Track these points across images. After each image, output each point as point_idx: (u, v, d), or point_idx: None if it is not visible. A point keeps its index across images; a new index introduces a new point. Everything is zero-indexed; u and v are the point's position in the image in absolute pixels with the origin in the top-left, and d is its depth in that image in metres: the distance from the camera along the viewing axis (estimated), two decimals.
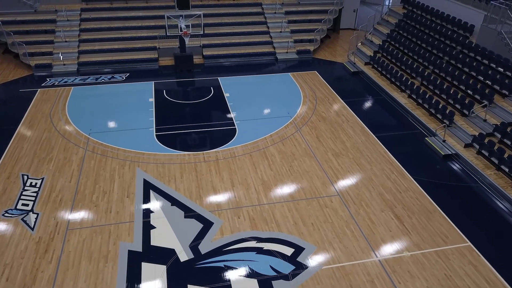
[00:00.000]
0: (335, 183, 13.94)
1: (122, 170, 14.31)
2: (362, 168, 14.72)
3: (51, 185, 13.49)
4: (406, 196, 13.41)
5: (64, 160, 14.78)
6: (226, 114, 18.17)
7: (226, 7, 25.81)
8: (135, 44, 23.43)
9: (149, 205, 12.75)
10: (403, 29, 22.75)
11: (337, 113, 18.40)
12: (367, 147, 15.99)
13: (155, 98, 19.35)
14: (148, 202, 12.88)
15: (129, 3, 25.14)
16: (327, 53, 25.43)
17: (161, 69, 22.64)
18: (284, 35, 25.00)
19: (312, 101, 19.42)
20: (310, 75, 22.22)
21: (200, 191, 13.40)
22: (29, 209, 12.47)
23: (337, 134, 16.78)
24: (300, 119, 17.85)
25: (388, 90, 20.03)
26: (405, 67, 20.57)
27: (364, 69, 22.38)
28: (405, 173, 14.51)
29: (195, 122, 17.55)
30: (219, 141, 16.20)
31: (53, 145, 15.58)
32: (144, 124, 17.18)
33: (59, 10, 23.84)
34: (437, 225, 12.24)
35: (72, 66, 21.94)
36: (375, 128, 17.21)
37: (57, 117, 17.49)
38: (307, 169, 14.58)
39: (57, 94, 19.46)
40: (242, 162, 14.94)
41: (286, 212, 12.59)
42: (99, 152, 15.27)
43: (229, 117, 17.95)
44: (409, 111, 18.25)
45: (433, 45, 20.30)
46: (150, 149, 15.54)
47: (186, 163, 14.83)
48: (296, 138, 16.42)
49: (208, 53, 23.61)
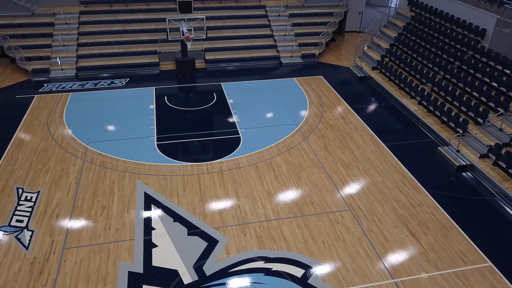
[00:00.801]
0: (345, 196, 13.27)
1: (122, 183, 13.65)
2: (373, 180, 14.05)
3: (47, 199, 12.83)
4: (420, 211, 12.74)
5: (61, 171, 14.11)
6: (229, 122, 17.50)
7: (229, 10, 25.15)
8: (135, 48, 22.76)
9: (150, 221, 12.08)
10: (411, 33, 22.09)
11: (345, 120, 17.73)
12: (377, 157, 15.33)
13: (156, 105, 18.68)
14: (149, 217, 12.21)
15: (129, 6, 24.47)
16: (333, 57, 24.77)
17: (162, 74, 21.97)
18: (289, 39, 24.33)
19: (319, 107, 18.75)
20: (316, 80, 21.55)
21: (203, 206, 12.73)
22: (24, 226, 11.80)
23: (345, 143, 16.12)
24: (306, 127, 17.18)
25: (397, 96, 19.36)
26: (414, 72, 19.90)
27: (372, 74, 21.71)
28: (418, 186, 13.85)
29: (197, 130, 16.89)
30: (223, 150, 15.54)
31: (50, 156, 14.91)
32: (144, 132, 16.52)
33: (57, 13, 23.17)
34: (455, 243, 11.57)
35: (70, 71, 21.28)
36: (385, 137, 16.55)
37: (55, 125, 16.83)
38: (316, 181, 13.91)
39: (55, 100, 18.79)
40: (247, 173, 14.27)
41: (295, 228, 11.93)
42: (98, 163, 14.61)
43: (233, 124, 17.28)
44: (419, 119, 17.58)
45: (443, 50, 19.64)
46: (151, 159, 14.87)
47: (189, 174, 14.16)
48: (303, 148, 15.76)
49: (210, 57, 22.95)
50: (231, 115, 18.04)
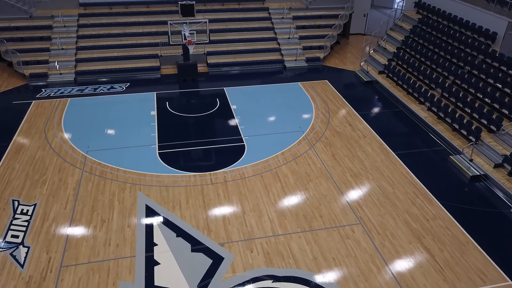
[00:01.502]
0: (355, 209, 12.71)
1: (122, 195, 13.09)
2: (384, 192, 13.49)
3: (44, 213, 12.26)
4: (434, 225, 12.18)
5: (59, 182, 13.55)
6: (233, 129, 16.94)
7: (231, 12, 24.58)
8: (135, 51, 22.19)
9: (152, 236, 11.52)
10: (419, 36, 21.53)
11: (353, 127, 17.17)
12: (387, 166, 14.77)
13: (157, 111, 18.11)
14: (151, 232, 11.65)
15: (129, 8, 23.91)
16: (338, 60, 24.21)
17: (163, 78, 21.40)
18: (293, 42, 23.77)
19: (325, 113, 18.19)
20: (321, 85, 20.99)
21: (207, 219, 12.17)
22: (19, 242, 11.24)
23: (354, 151, 15.56)
24: (313, 134, 16.62)
25: (405, 102, 18.80)
26: (422, 77, 19.34)
27: (378, 78, 21.15)
28: (431, 197, 13.28)
29: (200, 137, 16.33)
30: (227, 159, 14.98)
31: (47, 165, 14.35)
32: (145, 140, 15.96)
33: (56, 16, 22.62)
34: (472, 260, 11.02)
35: (69, 75, 20.71)
36: (394, 145, 15.99)
37: (52, 132, 16.26)
38: (324, 193, 13.35)
39: (53, 106, 18.22)
40: (252, 184, 13.71)
41: (304, 244, 11.37)
42: (97, 173, 14.05)
43: (236, 132, 16.72)
44: (429, 126, 17.02)
45: (452, 54, 19.08)
46: (153, 169, 14.31)
47: (192, 185, 13.60)
48: (310, 157, 15.20)
49: (213, 61, 22.38)
50: (235, 121, 17.48)
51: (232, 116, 17.92)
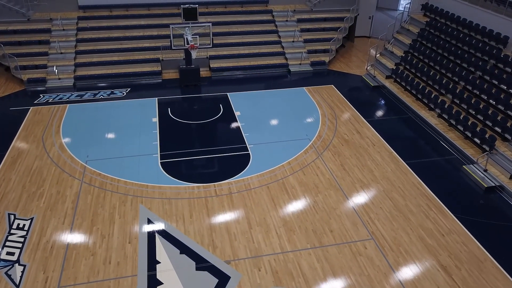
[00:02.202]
0: (367, 223, 12.16)
1: (123, 208, 12.53)
2: (396, 204, 12.94)
3: (41, 228, 11.71)
4: (450, 240, 11.63)
5: (57, 195, 12.99)
6: (237, 136, 16.39)
7: (234, 15, 24.02)
8: (136, 55, 21.62)
9: (155, 253, 10.97)
10: (427, 39, 20.97)
11: (361, 135, 16.62)
12: (398, 176, 14.22)
13: (159, 118, 17.55)
14: (153, 249, 11.09)
15: (130, 11, 23.34)
16: (343, 64, 23.65)
17: (164, 83, 20.84)
18: (297, 45, 23.21)
19: (332, 120, 17.64)
20: (327, 90, 20.43)
21: (212, 235, 11.62)
22: (15, 260, 10.68)
23: (363, 161, 15.01)
24: (320, 142, 16.07)
25: (414, 108, 18.25)
26: (432, 82, 18.78)
27: (386, 83, 20.60)
28: (445, 210, 12.74)
29: (203, 146, 15.78)
30: (231, 169, 14.43)
31: (45, 176, 13.79)
32: (147, 149, 15.40)
33: (54, 19, 22.04)
34: (492, 279, 10.47)
35: (68, 80, 20.15)
36: (404, 153, 15.44)
37: (50, 141, 15.70)
38: (334, 205, 12.80)
39: (51, 113, 17.66)
40: (259, 196, 13.16)
41: (314, 262, 10.82)
42: (97, 185, 13.49)
43: (241, 139, 16.17)
44: (440, 133, 16.47)
45: (462, 58, 18.52)
46: (155, 180, 13.76)
47: (195, 198, 13.05)
48: (318, 166, 14.65)
49: (215, 65, 21.82)
50: (239, 129, 16.92)
51: (236, 123, 17.36)
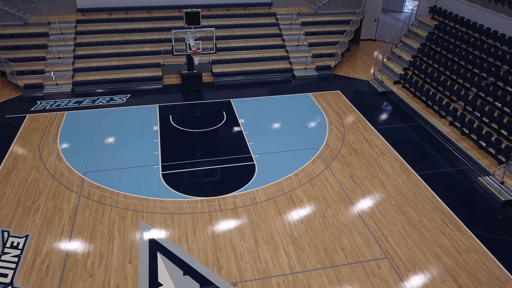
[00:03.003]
0: (380, 240, 11.54)
1: (123, 224, 11.91)
2: (410, 219, 12.31)
3: (36, 246, 11.08)
4: (468, 259, 11.01)
5: (53, 209, 12.37)
6: (242, 146, 15.76)
7: (237, 18, 23.41)
8: (136, 60, 21.00)
9: (157, 274, 10.34)
10: (436, 43, 20.34)
11: (370, 144, 16.00)
12: (410, 189, 13.60)
13: (160, 126, 16.93)
14: (155, 269, 10.47)
15: (130, 14, 22.73)
16: (349, 68, 23.03)
17: (165, 89, 20.22)
18: (302, 49, 22.59)
19: (339, 128, 17.02)
20: (333, 96, 19.81)
21: (217, 254, 10.99)
22: (8, 282, 10.06)
23: (373, 172, 14.39)
24: (328, 151, 15.45)
25: (424, 115, 17.62)
26: (442, 88, 18.16)
27: (394, 88, 19.98)
28: (461, 226, 12.11)
29: (207, 156, 15.16)
30: (236, 181, 13.81)
31: (41, 189, 13.17)
32: (148, 159, 14.78)
33: (52, 22, 21.42)
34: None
35: (66, 86, 19.52)
36: (416, 164, 14.83)
37: (47, 151, 15.08)
38: (345, 221, 12.18)
39: (48, 121, 17.04)
40: (265, 211, 12.54)
41: (326, 284, 10.19)
42: (96, 198, 12.87)
43: (245, 149, 15.55)
44: (453, 143, 15.84)
45: (474, 63, 17.90)
46: (156, 193, 13.13)
47: (199, 212, 12.42)
48: (326, 178, 14.03)
49: (218, 70, 21.20)
50: (244, 137, 16.30)
51: (240, 131, 16.74)
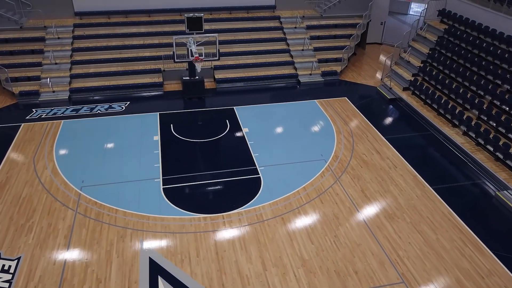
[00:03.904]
0: (395, 262, 10.82)
1: (122, 244, 11.19)
2: (426, 239, 11.60)
3: (29, 270, 10.36)
4: (491, 283, 10.29)
5: (48, 228, 11.65)
6: (246, 157, 15.05)
7: (240, 21, 22.70)
8: (136, 66, 20.28)
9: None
10: (446, 48, 19.63)
11: (381, 155, 15.29)
12: (425, 205, 12.88)
13: (161, 135, 16.22)
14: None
15: (129, 17, 22.02)
16: (355, 73, 22.32)
17: (166, 96, 19.50)
18: (307, 54, 21.87)
19: (348, 138, 16.31)
20: (340, 103, 19.10)
21: (222, 278, 10.28)
22: None
23: (385, 185, 13.68)
24: (337, 163, 14.74)
25: (436, 124, 16.91)
26: (454, 95, 17.44)
27: (403, 95, 19.27)
28: (481, 246, 11.40)
29: (210, 168, 14.43)
30: (241, 196, 13.09)
31: (35, 206, 12.45)
32: (148, 172, 14.06)
33: (49, 26, 20.70)
34: None
35: (63, 93, 18.80)
36: (429, 177, 14.12)
37: (43, 163, 14.36)
38: (358, 241, 11.46)
39: (44, 130, 16.32)
40: (273, 229, 11.82)
41: None
42: (93, 216, 12.15)
43: (250, 161, 14.84)
44: (468, 154, 15.13)
45: (487, 69, 17.19)
46: (157, 210, 12.41)
47: (202, 231, 11.70)
48: (336, 192, 13.31)
49: (221, 76, 20.48)
50: (248, 148, 15.59)
51: (245, 141, 16.03)
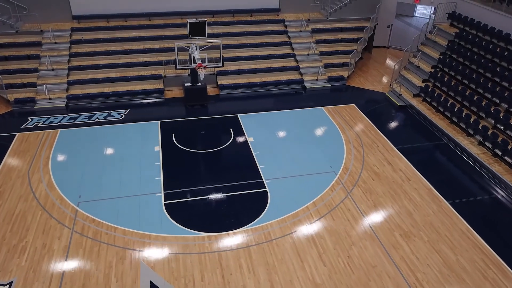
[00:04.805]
0: (414, 286, 10.10)
1: (121, 267, 10.47)
2: (446, 260, 10.88)
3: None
4: None
5: (42, 249, 10.93)
6: (252, 169, 14.33)
7: (243, 25, 21.98)
8: (136, 71, 19.56)
9: None
10: (458, 53, 18.91)
11: (393, 166, 14.58)
12: (442, 221, 12.16)
13: (162, 146, 15.50)
14: None
15: (129, 21, 21.30)
16: (362, 78, 21.60)
17: (168, 103, 18.78)
18: (313, 59, 21.15)
19: (358, 148, 15.59)
20: (348, 110, 18.38)
21: None
22: None
23: (399, 200, 12.96)
24: (347, 176, 14.02)
25: (449, 133, 16.20)
26: (468, 103, 16.73)
27: (413, 102, 18.55)
28: (505, 268, 10.68)
29: (213, 181, 13.71)
30: (247, 213, 12.38)
31: (29, 224, 11.73)
32: (149, 186, 13.35)
33: (45, 31, 19.97)
34: None
35: (59, 100, 18.07)
36: (445, 190, 13.41)
37: (38, 177, 13.64)
38: (372, 262, 10.74)
39: (40, 140, 15.60)
40: (282, 250, 11.10)
41: None
42: (90, 235, 11.43)
43: (256, 173, 14.12)
44: (484, 165, 14.42)
45: (502, 76, 16.48)
46: (158, 228, 11.69)
47: (207, 252, 10.98)
48: (348, 208, 12.60)
49: (224, 82, 19.76)
50: (254, 159, 14.87)
51: (250, 151, 15.31)
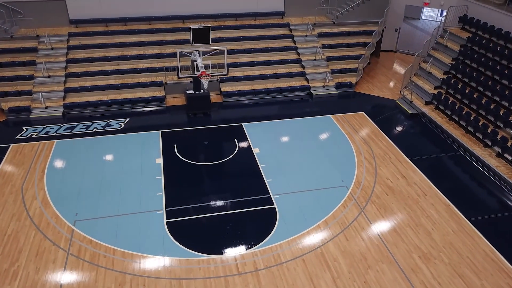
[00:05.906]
0: None
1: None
2: (470, 285, 10.10)
3: None
4: None
5: (35, 274, 10.15)
6: (259, 184, 13.56)
7: (247, 29, 21.21)
8: (136, 78, 18.80)
9: None
10: (471, 58, 18.16)
11: (407, 180, 13.81)
12: (463, 241, 11.39)
13: (164, 158, 14.73)
14: None
15: (128, 25, 20.54)
16: (371, 84, 20.84)
17: (169, 111, 18.01)
18: (319, 64, 20.39)
19: (370, 160, 14.82)
20: (358, 118, 17.61)
21: None
22: None
23: (416, 218, 12.19)
24: (360, 190, 13.26)
25: (465, 143, 15.44)
26: (485, 112, 15.96)
27: (425, 110, 17.78)
28: None
29: (218, 197, 12.93)
30: (255, 233, 11.60)
31: (22, 246, 10.95)
32: (150, 203, 12.57)
33: (41, 36, 19.20)
34: None
35: (56, 109, 17.30)
36: (464, 206, 12.64)
37: (32, 193, 12.87)
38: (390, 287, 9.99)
39: (35, 152, 14.84)
40: (293, 274, 10.33)
41: None
42: (87, 258, 10.65)
43: (263, 188, 13.35)
44: (504, 179, 13.65)
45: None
46: (160, 250, 10.92)
47: (212, 277, 10.21)
48: (362, 227, 11.82)
49: (227, 89, 19.00)
50: (260, 172, 14.10)
51: (256, 164, 14.54)
